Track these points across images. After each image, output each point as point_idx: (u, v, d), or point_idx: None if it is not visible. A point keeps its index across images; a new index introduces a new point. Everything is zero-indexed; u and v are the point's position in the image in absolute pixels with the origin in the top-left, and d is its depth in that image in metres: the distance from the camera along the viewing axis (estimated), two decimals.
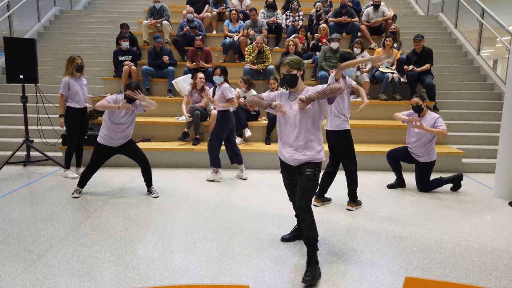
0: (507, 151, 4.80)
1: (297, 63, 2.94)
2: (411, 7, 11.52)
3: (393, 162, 5.14)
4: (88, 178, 4.61)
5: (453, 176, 5.02)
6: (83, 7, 11.35)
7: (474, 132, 6.79)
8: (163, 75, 7.55)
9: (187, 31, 8.32)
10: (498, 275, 3.01)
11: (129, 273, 2.93)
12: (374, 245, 3.46)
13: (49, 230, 3.67)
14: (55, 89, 7.68)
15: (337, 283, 2.84)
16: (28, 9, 9.17)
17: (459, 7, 9.26)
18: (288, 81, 2.98)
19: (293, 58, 2.95)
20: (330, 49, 7.32)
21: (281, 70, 2.97)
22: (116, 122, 4.46)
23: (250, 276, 2.91)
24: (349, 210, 4.28)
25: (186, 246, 3.37)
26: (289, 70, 2.93)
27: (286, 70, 2.93)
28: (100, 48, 9.03)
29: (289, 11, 8.89)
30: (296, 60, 2.95)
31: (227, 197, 4.67)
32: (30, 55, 5.58)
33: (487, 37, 8.71)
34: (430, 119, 4.83)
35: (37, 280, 2.81)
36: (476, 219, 4.13)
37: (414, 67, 7.07)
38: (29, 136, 5.89)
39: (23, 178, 5.35)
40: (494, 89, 7.79)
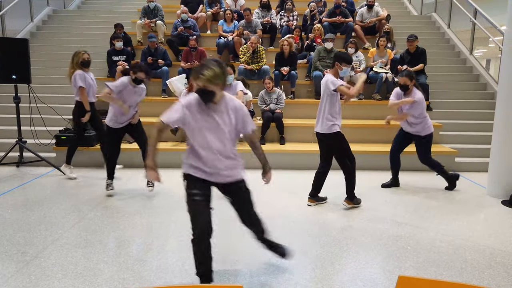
0: (499, 150, 4.84)
1: (217, 79, 2.42)
2: (404, 7, 11.58)
3: (395, 161, 5.11)
4: (114, 166, 4.74)
5: (450, 174, 5.05)
6: (76, 7, 11.27)
7: (467, 131, 6.84)
8: (157, 75, 7.52)
9: (181, 31, 8.30)
10: (491, 273, 3.03)
11: (123, 274, 2.91)
12: (368, 244, 3.48)
13: (43, 231, 3.64)
14: (48, 90, 7.63)
15: (331, 282, 2.85)
16: (20, 8, 9.10)
17: (452, 7, 9.33)
18: (203, 97, 2.49)
19: (213, 74, 2.40)
20: (324, 49, 7.33)
21: (197, 81, 2.44)
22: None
23: (244, 276, 2.91)
24: (344, 207, 4.29)
25: (181, 247, 3.37)
26: (206, 86, 2.42)
27: (203, 85, 2.42)
28: (94, 48, 8.95)
29: (284, 11, 8.90)
30: (216, 76, 2.42)
31: (222, 197, 4.66)
32: (23, 55, 5.53)
33: (479, 37, 8.77)
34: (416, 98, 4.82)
35: (30, 282, 2.79)
36: (469, 218, 4.16)
37: (407, 67, 7.10)
38: (22, 137, 5.84)
39: (16, 179, 5.31)
40: (487, 89, 7.85)
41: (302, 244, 3.45)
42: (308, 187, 4.67)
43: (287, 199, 4.65)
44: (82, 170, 5.76)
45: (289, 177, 5.57)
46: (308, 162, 5.98)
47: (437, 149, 6.12)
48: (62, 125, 6.60)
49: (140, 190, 4.88)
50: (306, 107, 7.16)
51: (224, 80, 2.48)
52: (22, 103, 6.33)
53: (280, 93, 6.59)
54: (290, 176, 5.62)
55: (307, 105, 7.14)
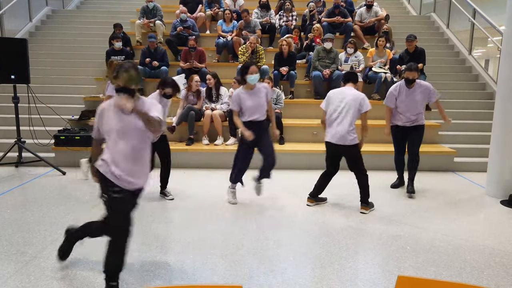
0: (498, 150, 4.85)
1: (136, 81, 2.55)
2: (403, 7, 11.59)
3: (400, 163, 5.08)
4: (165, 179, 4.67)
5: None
6: (75, 7, 11.26)
7: (466, 131, 6.84)
8: (156, 75, 7.52)
9: (181, 31, 8.30)
10: (490, 273, 3.04)
11: (122, 274, 2.91)
12: (367, 244, 3.48)
13: (42, 231, 3.64)
14: (47, 90, 7.62)
15: (331, 282, 2.85)
16: (19, 9, 9.08)
17: (451, 8, 9.34)
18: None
19: (133, 75, 2.53)
20: (323, 49, 7.34)
21: (119, 79, 2.54)
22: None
23: (244, 276, 2.91)
24: (364, 213, 4.27)
25: (180, 247, 3.36)
26: (127, 84, 2.53)
27: (124, 83, 2.53)
28: (93, 48, 8.96)
29: (283, 11, 8.90)
30: (135, 78, 2.55)
31: (221, 197, 4.66)
32: (22, 55, 5.52)
33: (478, 37, 8.78)
34: (421, 86, 4.72)
35: (30, 282, 2.78)
36: (468, 218, 4.17)
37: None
38: (21, 137, 5.83)
39: (15, 179, 5.30)
40: (486, 89, 7.86)
41: (302, 244, 3.45)
42: (307, 187, 4.67)
43: (287, 199, 4.65)
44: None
45: (289, 177, 5.57)
46: (307, 162, 5.98)
47: (436, 149, 6.13)
48: (61, 125, 6.59)
49: None
50: (305, 107, 7.16)
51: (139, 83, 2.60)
52: (21, 103, 6.32)
53: (279, 93, 6.59)
54: (290, 176, 5.62)
55: (306, 105, 7.15)
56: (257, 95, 4.20)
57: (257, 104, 4.17)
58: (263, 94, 4.24)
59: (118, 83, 2.55)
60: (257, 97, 4.19)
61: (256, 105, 4.17)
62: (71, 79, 7.99)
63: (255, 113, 4.18)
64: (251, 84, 4.19)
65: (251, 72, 4.14)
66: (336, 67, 7.32)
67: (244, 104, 4.18)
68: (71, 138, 5.92)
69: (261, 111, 4.21)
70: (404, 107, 4.74)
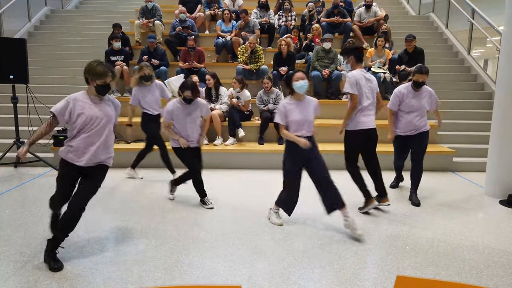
0: (497, 150, 4.85)
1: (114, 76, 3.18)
2: (402, 7, 11.60)
3: (399, 168, 5.04)
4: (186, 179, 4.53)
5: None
6: (74, 7, 11.26)
7: (465, 131, 6.85)
8: (155, 75, 7.50)
9: (180, 31, 8.30)
10: (489, 272, 3.04)
11: (121, 274, 2.91)
12: (366, 244, 3.48)
13: (40, 231, 3.63)
14: (45, 90, 7.62)
15: (330, 281, 2.85)
16: (18, 8, 9.08)
17: (450, 8, 9.35)
18: (102, 91, 3.16)
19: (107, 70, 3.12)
20: (322, 49, 7.34)
21: (105, 79, 3.11)
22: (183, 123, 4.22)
23: (243, 277, 2.91)
24: (387, 205, 4.35)
25: (179, 247, 3.36)
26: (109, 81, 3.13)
27: (109, 80, 3.13)
28: (92, 48, 8.96)
29: (282, 11, 8.90)
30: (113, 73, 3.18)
31: (220, 197, 4.66)
32: (21, 55, 5.52)
33: (477, 37, 8.81)
34: (426, 91, 4.55)
35: (28, 283, 2.78)
36: (467, 218, 4.17)
37: (405, 67, 7.12)
38: (20, 137, 5.83)
39: (14, 179, 5.30)
40: (485, 89, 7.87)
41: (301, 244, 3.45)
42: (305, 187, 4.66)
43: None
44: None
45: None
46: None
47: (435, 149, 6.13)
48: (60, 125, 6.57)
49: (137, 190, 4.87)
50: None
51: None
52: (20, 103, 6.32)
53: (279, 93, 6.59)
54: None
55: None
56: (305, 107, 3.66)
57: (304, 118, 3.63)
58: (312, 108, 3.70)
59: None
60: (305, 110, 3.65)
61: (303, 119, 3.63)
62: (70, 79, 7.99)
63: (302, 128, 3.64)
64: (299, 93, 3.62)
65: (297, 78, 3.58)
66: (335, 67, 7.32)
67: (289, 117, 3.64)
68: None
69: (308, 127, 3.66)
70: (409, 110, 4.48)
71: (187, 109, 4.15)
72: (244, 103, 6.45)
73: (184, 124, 4.16)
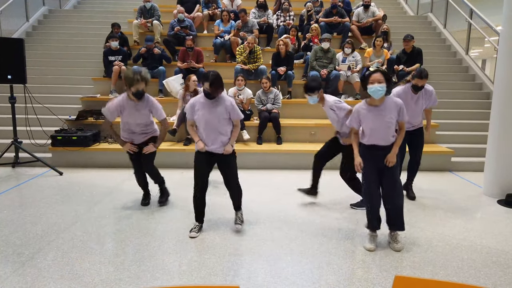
0: (495, 150, 4.86)
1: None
2: (401, 7, 11.61)
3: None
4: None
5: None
6: (72, 7, 11.23)
7: (463, 131, 6.86)
8: (154, 75, 7.50)
9: (178, 31, 8.29)
10: (487, 272, 3.04)
11: (120, 274, 2.90)
12: (365, 244, 3.48)
13: (38, 232, 3.62)
14: (43, 90, 7.60)
15: (329, 282, 2.85)
16: (16, 8, 9.05)
17: (448, 8, 9.36)
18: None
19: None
20: (321, 49, 7.34)
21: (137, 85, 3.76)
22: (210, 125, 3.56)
23: (242, 277, 2.91)
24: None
25: (178, 247, 3.36)
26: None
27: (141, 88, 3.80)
28: (90, 48, 8.95)
29: (280, 11, 8.90)
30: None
31: (219, 197, 4.66)
32: (18, 55, 5.50)
33: (475, 37, 8.81)
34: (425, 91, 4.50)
35: (26, 283, 2.77)
36: (465, 218, 4.18)
37: (404, 67, 7.13)
38: (18, 137, 5.81)
39: (12, 179, 5.28)
40: (483, 89, 7.89)
41: (299, 244, 3.45)
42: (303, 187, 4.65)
43: (284, 199, 4.65)
44: (79, 171, 5.73)
45: (286, 177, 5.57)
46: (304, 162, 5.98)
47: (433, 148, 6.14)
48: (58, 125, 6.57)
49: (136, 190, 4.86)
50: (303, 107, 7.17)
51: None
52: (18, 103, 6.31)
53: (277, 93, 6.59)
54: (287, 176, 5.62)
55: (304, 105, 7.15)
56: (382, 113, 3.20)
57: (379, 126, 3.21)
58: (394, 112, 3.21)
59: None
60: (381, 117, 3.19)
61: (378, 126, 3.21)
62: (68, 79, 7.98)
63: (376, 137, 3.25)
64: (375, 98, 3.15)
65: (373, 81, 3.11)
66: (333, 67, 7.32)
67: (363, 123, 3.28)
68: (68, 138, 5.90)
69: (386, 135, 3.23)
70: (409, 112, 4.43)
71: (208, 106, 3.48)
72: (246, 101, 6.45)
73: (205, 123, 3.50)
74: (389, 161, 3.25)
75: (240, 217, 3.76)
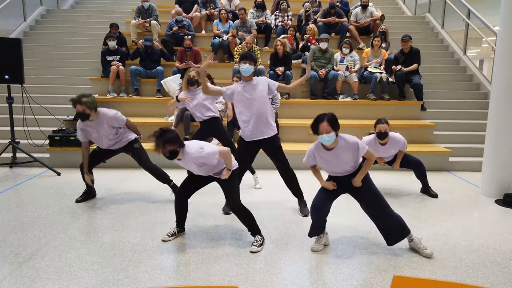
0: (493, 150, 4.87)
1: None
2: (398, 7, 11.63)
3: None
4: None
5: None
6: (70, 7, 11.20)
7: (460, 131, 6.88)
8: (152, 75, 7.50)
9: (176, 31, 8.28)
10: (485, 271, 3.05)
11: (118, 275, 2.90)
12: (363, 244, 3.48)
13: (36, 232, 3.61)
14: (41, 90, 7.58)
15: (327, 282, 2.85)
16: (13, 8, 9.02)
17: (445, 8, 9.39)
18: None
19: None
20: (319, 49, 7.35)
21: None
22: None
23: (240, 277, 2.91)
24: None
25: (176, 248, 3.35)
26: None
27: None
28: (88, 48, 8.93)
29: (278, 11, 8.91)
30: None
31: (217, 198, 4.65)
32: (16, 55, 5.48)
33: (473, 37, 8.85)
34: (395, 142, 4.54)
35: (24, 284, 2.76)
36: (463, 217, 4.19)
37: (402, 67, 7.14)
38: (15, 138, 5.80)
39: (9, 180, 5.27)
40: (480, 89, 7.91)
41: (298, 244, 3.45)
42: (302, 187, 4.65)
43: (282, 198, 4.65)
44: (77, 171, 5.72)
45: None
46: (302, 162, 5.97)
47: (431, 148, 6.15)
48: (56, 126, 6.55)
49: (134, 191, 4.85)
50: (301, 107, 7.17)
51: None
52: (15, 103, 6.28)
53: (276, 93, 6.59)
54: None
55: (302, 105, 7.15)
56: (336, 155, 3.19)
57: (336, 164, 3.24)
58: (349, 153, 3.19)
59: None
60: (336, 156, 3.20)
61: (335, 165, 3.25)
62: (65, 79, 7.96)
63: (335, 171, 3.32)
64: (326, 145, 3.14)
65: (321, 131, 3.04)
66: (331, 67, 7.33)
67: (321, 164, 3.34)
68: (65, 138, 5.89)
69: (345, 169, 3.28)
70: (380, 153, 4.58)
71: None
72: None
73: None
74: (354, 183, 3.23)
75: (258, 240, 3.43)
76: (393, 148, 4.59)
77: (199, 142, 3.23)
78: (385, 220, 3.22)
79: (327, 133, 3.02)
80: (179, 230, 3.58)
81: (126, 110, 7.08)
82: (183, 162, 3.22)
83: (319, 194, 3.33)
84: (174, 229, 3.57)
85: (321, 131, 3.03)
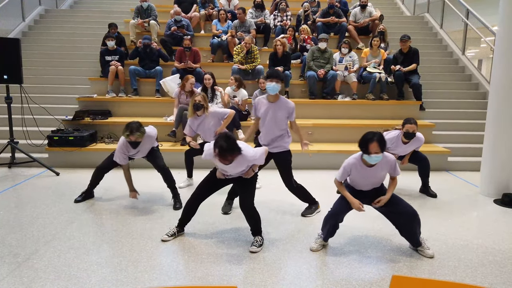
0: (491, 150, 4.88)
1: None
2: (397, 7, 11.64)
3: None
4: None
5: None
6: (69, 7, 11.19)
7: (459, 131, 6.89)
8: (151, 75, 7.49)
9: (175, 30, 8.27)
10: (484, 271, 3.06)
11: (117, 275, 2.90)
12: (362, 244, 3.49)
13: (35, 232, 3.61)
14: (40, 90, 7.57)
15: (326, 282, 2.85)
16: (12, 8, 9.01)
17: (444, 8, 9.40)
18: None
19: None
20: (318, 49, 7.35)
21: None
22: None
23: (239, 277, 2.91)
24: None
25: (175, 247, 3.35)
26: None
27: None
28: (87, 48, 8.92)
29: (277, 11, 8.91)
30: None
31: (216, 197, 4.65)
32: (15, 55, 5.47)
33: (472, 37, 8.85)
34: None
35: (23, 284, 2.76)
36: (462, 217, 4.19)
37: (400, 67, 7.14)
38: (14, 138, 5.78)
39: (8, 180, 5.26)
40: (479, 89, 7.92)
41: (296, 244, 3.45)
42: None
43: (280, 199, 4.65)
44: (76, 171, 5.71)
45: None
46: (301, 162, 5.98)
47: (430, 148, 6.16)
48: (55, 126, 6.54)
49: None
50: (300, 107, 7.16)
51: None
52: (14, 103, 6.27)
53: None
54: None
55: (301, 105, 7.15)
56: (373, 171, 3.25)
57: (368, 181, 3.32)
58: (386, 170, 3.27)
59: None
60: (372, 173, 3.26)
61: (367, 182, 3.33)
62: (64, 79, 7.95)
63: (362, 186, 3.38)
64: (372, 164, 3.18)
65: (371, 151, 3.07)
66: (330, 67, 7.33)
67: (352, 177, 3.36)
68: (64, 138, 5.88)
69: (373, 185, 3.36)
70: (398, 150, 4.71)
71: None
72: (241, 102, 6.44)
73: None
74: (380, 202, 3.26)
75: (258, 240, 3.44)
76: (413, 146, 4.70)
77: (244, 144, 3.27)
78: (411, 238, 3.33)
79: (375, 153, 3.08)
80: (178, 230, 3.58)
81: (125, 110, 7.08)
82: (231, 164, 3.20)
83: (340, 202, 3.35)
84: (173, 229, 3.57)
85: (370, 151, 3.08)
